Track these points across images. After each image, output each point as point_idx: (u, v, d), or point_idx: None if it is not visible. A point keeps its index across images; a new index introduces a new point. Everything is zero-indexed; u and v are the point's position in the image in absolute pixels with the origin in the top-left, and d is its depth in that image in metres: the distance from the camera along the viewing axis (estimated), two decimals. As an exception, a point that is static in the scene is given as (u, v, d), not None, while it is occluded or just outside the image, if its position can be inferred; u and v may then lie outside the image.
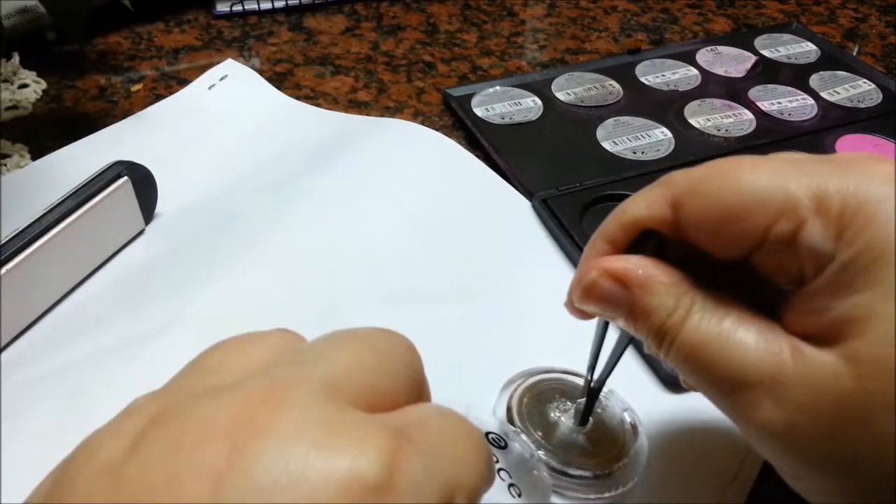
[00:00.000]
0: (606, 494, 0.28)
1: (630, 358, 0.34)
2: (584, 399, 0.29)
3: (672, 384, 0.33)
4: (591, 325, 0.28)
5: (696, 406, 0.33)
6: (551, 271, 0.39)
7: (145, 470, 0.15)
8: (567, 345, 0.35)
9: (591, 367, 0.28)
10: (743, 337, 0.21)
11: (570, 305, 0.26)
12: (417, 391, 0.20)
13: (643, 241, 0.24)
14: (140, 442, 0.16)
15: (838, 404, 0.19)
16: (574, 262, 0.39)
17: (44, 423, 0.31)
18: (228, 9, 0.63)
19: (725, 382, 0.21)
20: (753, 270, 0.23)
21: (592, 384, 0.29)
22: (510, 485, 0.28)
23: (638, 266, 0.23)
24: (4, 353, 0.34)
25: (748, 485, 0.30)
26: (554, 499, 0.28)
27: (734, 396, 0.21)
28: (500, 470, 0.28)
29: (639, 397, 0.32)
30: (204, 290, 0.37)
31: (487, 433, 0.29)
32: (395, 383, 0.19)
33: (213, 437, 0.15)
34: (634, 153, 0.47)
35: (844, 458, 0.20)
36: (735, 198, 0.22)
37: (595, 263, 0.24)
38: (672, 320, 0.22)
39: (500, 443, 0.29)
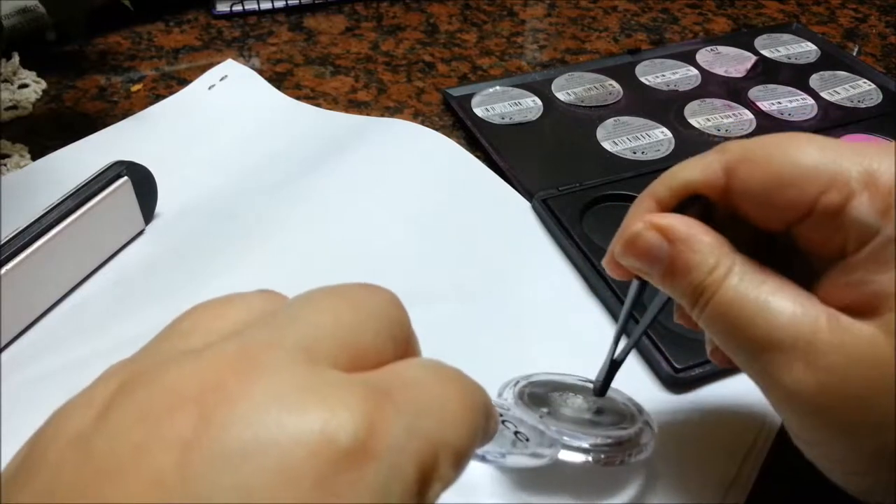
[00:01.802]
0: (619, 459, 0.27)
1: (630, 358, 0.34)
2: (604, 370, 0.29)
3: (672, 384, 0.33)
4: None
5: (696, 406, 0.33)
6: (551, 271, 0.39)
7: (112, 441, 0.15)
8: (567, 344, 0.35)
9: (618, 337, 0.28)
10: (780, 300, 0.22)
11: (610, 262, 0.26)
12: (405, 347, 0.19)
13: (688, 205, 0.25)
14: (108, 411, 0.15)
15: (872, 371, 0.20)
16: (574, 262, 0.39)
17: (44, 423, 0.31)
18: (228, 9, 0.63)
19: (758, 343, 0.22)
20: (791, 248, 0.23)
21: (616, 355, 0.28)
22: (516, 432, 0.27)
23: (682, 223, 0.24)
24: (4, 353, 0.34)
25: (748, 485, 0.30)
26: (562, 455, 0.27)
27: (765, 358, 0.22)
28: (504, 421, 0.27)
29: (639, 397, 0.31)
30: (204, 290, 0.37)
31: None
32: (377, 340, 0.18)
33: (181, 405, 0.15)
34: (634, 153, 0.47)
35: (872, 423, 0.20)
36: (788, 166, 0.23)
37: (640, 217, 0.25)
38: (712, 278, 0.23)
39: (503, 411, 0.28)
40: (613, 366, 0.29)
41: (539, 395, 0.30)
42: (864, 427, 0.20)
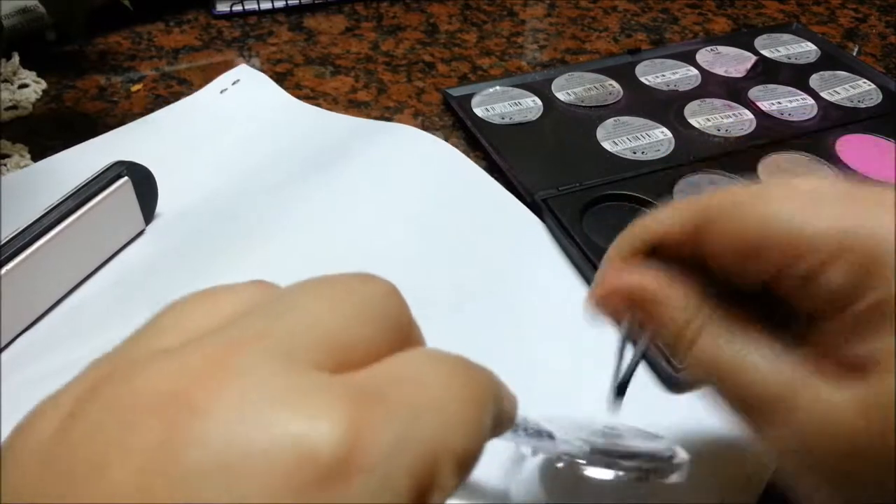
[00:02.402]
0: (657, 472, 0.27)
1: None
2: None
3: (672, 384, 0.33)
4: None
5: (697, 406, 0.33)
6: (552, 272, 0.39)
7: (73, 451, 0.14)
8: (568, 344, 0.35)
9: (620, 359, 0.27)
10: (754, 360, 0.21)
11: (591, 308, 0.26)
12: (402, 339, 0.18)
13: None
14: (73, 417, 0.14)
15: (843, 441, 0.19)
16: (574, 262, 0.39)
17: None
18: (228, 9, 0.63)
19: (736, 400, 0.22)
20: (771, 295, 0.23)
21: (621, 378, 0.27)
22: (538, 430, 0.26)
23: (653, 281, 0.24)
24: (4, 353, 0.34)
25: (760, 486, 0.29)
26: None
27: (745, 413, 0.22)
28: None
29: (639, 397, 0.31)
30: (204, 291, 0.37)
31: None
32: (368, 334, 0.16)
33: (145, 416, 0.13)
34: (634, 153, 0.47)
35: (854, 485, 0.20)
36: (757, 231, 0.21)
37: (611, 277, 0.25)
38: (685, 335, 0.23)
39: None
40: (619, 390, 0.28)
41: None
42: (847, 486, 0.20)
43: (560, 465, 0.26)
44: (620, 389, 0.27)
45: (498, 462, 0.29)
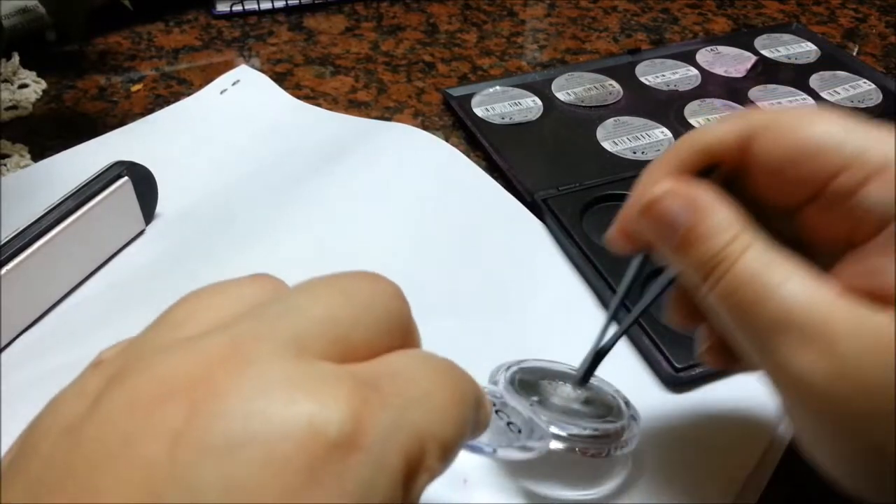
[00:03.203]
0: (605, 451, 0.27)
1: (630, 357, 0.34)
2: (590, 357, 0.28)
3: (672, 384, 0.33)
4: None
5: (697, 406, 0.33)
6: (552, 271, 0.39)
7: (103, 430, 0.15)
8: (568, 343, 0.35)
9: (607, 324, 0.27)
10: (798, 280, 0.21)
11: (619, 231, 0.26)
12: (401, 338, 0.19)
13: (706, 174, 0.24)
14: (99, 401, 0.16)
15: (885, 364, 0.19)
16: (574, 262, 0.39)
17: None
18: (228, 9, 0.63)
19: (771, 324, 0.21)
20: (796, 242, 0.23)
21: (602, 344, 0.28)
22: (508, 423, 0.27)
23: (705, 191, 0.23)
24: (4, 353, 0.34)
25: (761, 486, 0.29)
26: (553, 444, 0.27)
27: (777, 340, 0.21)
28: (497, 411, 0.27)
29: (639, 397, 0.32)
30: (204, 291, 0.37)
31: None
32: (369, 334, 0.18)
33: (171, 396, 0.15)
34: (634, 153, 0.47)
35: (880, 417, 0.19)
36: (809, 139, 0.22)
37: (659, 181, 0.24)
38: (731, 248, 0.22)
39: (495, 400, 0.28)
40: (598, 355, 0.28)
41: (529, 381, 0.30)
42: (871, 420, 0.19)
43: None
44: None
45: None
